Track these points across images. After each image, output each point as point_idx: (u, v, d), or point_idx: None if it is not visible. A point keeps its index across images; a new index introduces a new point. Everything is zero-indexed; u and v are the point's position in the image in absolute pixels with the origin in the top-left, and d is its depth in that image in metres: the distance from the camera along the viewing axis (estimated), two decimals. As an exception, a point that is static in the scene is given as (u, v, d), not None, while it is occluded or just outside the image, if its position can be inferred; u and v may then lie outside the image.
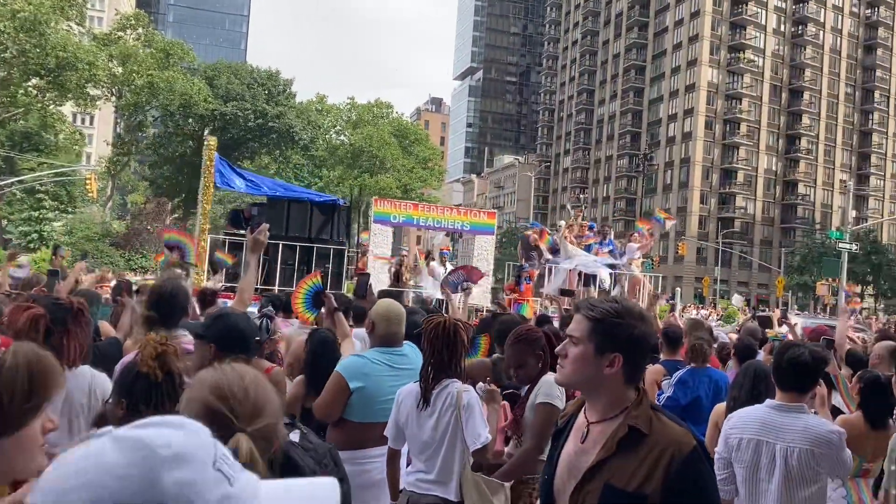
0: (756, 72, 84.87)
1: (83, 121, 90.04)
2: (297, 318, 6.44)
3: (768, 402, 3.55)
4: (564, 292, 11.56)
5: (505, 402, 4.09)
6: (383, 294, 7.78)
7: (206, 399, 1.56)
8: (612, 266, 15.38)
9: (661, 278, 19.81)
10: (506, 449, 3.89)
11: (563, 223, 17.06)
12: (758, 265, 75.46)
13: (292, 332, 5.98)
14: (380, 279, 13.78)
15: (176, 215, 55.10)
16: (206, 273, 12.04)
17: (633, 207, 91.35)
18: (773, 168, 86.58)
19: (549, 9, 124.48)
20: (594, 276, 15.15)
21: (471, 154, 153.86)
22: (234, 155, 64.38)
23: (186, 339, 3.67)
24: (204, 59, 68.93)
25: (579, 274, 14.89)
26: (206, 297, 6.39)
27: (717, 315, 29.14)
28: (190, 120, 59.65)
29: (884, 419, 4.34)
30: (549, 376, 3.88)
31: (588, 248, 15.64)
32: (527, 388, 3.98)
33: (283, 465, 2.07)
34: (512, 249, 65.16)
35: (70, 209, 51.64)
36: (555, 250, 15.36)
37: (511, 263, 18.65)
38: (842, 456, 3.43)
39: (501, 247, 64.01)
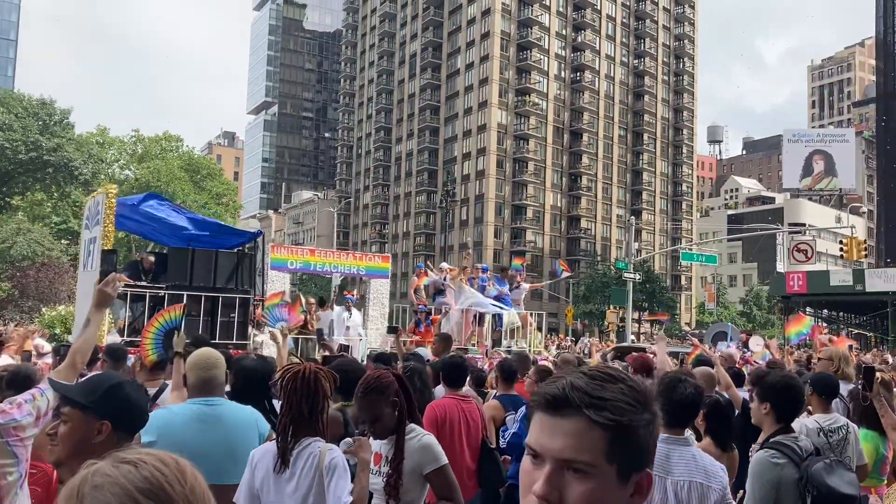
0: (540, 114, 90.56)
1: None
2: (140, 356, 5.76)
3: None
4: (391, 329, 11.53)
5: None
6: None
7: None
8: (499, 304, 15.95)
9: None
10: None
11: (445, 265, 17.54)
12: (548, 295, 79.79)
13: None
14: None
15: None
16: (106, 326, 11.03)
17: (432, 242, 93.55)
18: (559, 204, 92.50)
19: (343, 47, 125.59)
20: (497, 316, 15.73)
21: (267, 189, 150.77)
22: (1, 190, 58.45)
23: None
24: (-37, 85, 62.18)
25: (475, 314, 15.36)
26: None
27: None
28: (-53, 152, 53.41)
29: (729, 440, 4.56)
30: (423, 439, 3.66)
31: (482, 290, 16.08)
32: (385, 442, 3.67)
33: None
34: (312, 287, 64.20)
35: None
36: (439, 290, 15.67)
37: (399, 306, 18.70)
38: (728, 496, 3.45)
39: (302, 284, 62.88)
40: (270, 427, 4.05)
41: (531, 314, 17.40)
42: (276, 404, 4.65)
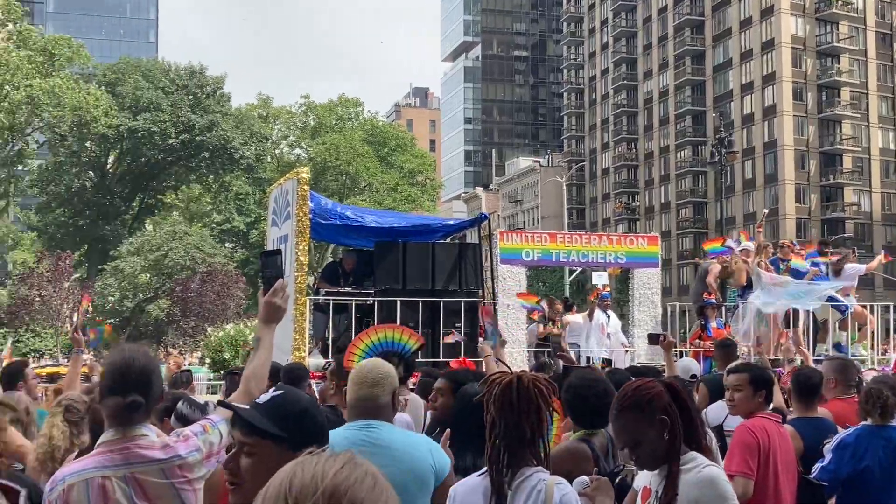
0: (856, 17, 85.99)
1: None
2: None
3: None
4: (653, 338, 11.49)
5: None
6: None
7: None
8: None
9: None
10: None
11: (741, 242, 17.00)
12: (882, 281, 75.24)
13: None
14: (517, 338, 14.14)
15: (78, 274, 54.47)
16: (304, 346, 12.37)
17: (702, 215, 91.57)
18: (891, 146, 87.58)
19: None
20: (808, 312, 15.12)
21: (473, 160, 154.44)
22: (151, 185, 64.33)
23: (145, 442, 3.47)
24: (101, 59, 69.05)
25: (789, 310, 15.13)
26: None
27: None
28: (88, 143, 59.63)
29: None
30: (706, 471, 3.62)
31: (798, 275, 15.53)
32: (655, 474, 3.67)
33: None
34: (539, 286, 64.71)
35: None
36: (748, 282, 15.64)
37: (677, 305, 18.83)
38: None
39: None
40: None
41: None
42: None
